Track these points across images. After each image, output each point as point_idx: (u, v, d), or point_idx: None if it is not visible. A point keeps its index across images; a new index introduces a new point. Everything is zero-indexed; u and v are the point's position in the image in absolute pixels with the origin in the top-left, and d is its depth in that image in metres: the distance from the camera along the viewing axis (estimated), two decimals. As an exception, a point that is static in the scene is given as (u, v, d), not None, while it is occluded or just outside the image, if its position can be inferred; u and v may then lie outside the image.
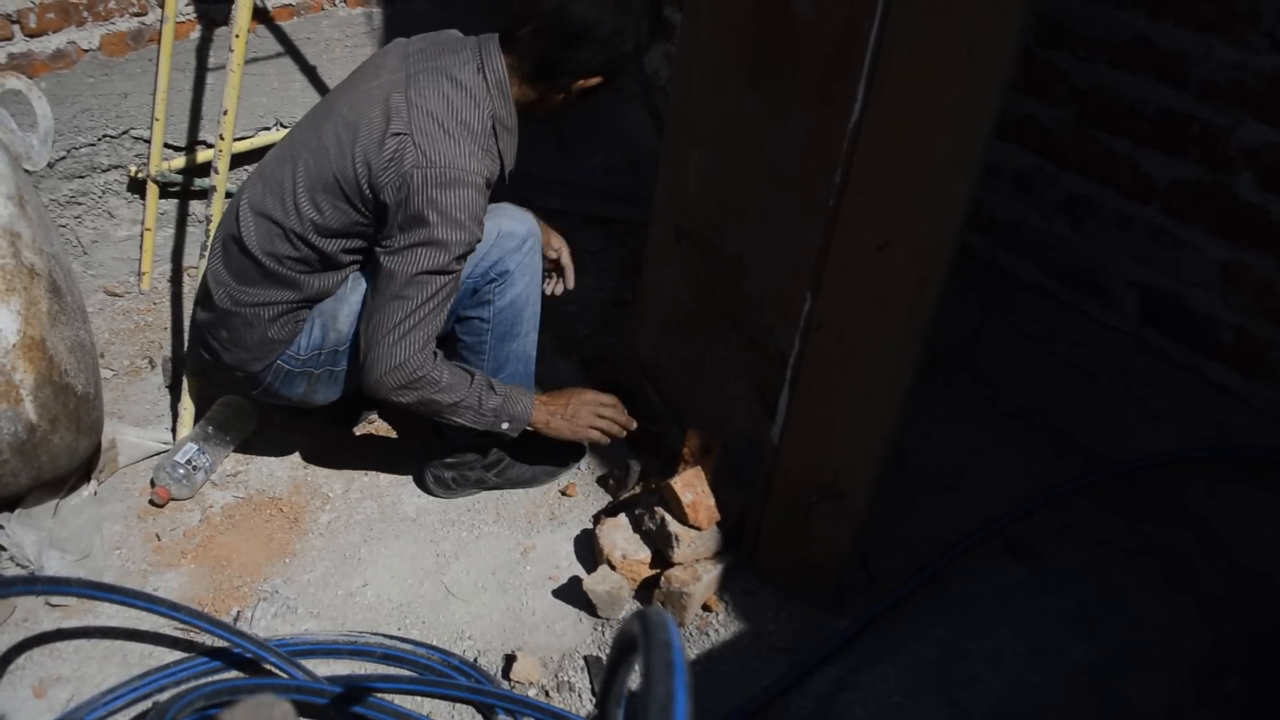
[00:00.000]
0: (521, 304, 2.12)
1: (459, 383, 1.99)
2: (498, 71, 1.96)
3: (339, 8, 3.16)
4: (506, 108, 1.99)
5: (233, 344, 2.08)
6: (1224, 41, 1.94)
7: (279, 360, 2.08)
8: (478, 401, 2.00)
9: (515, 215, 2.09)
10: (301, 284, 2.03)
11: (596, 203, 3.45)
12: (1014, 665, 1.86)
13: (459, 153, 1.87)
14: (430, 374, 1.95)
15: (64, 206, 2.87)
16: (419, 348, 1.93)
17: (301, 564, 2.15)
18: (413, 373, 1.93)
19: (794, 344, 1.80)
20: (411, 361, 1.92)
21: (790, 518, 1.96)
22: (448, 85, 1.92)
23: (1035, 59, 2.29)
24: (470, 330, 2.12)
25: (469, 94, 1.92)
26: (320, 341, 2.07)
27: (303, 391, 2.14)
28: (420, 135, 1.86)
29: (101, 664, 1.90)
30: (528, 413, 2.07)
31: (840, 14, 1.64)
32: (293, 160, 1.99)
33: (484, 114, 1.94)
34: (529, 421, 2.08)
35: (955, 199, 1.60)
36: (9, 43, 2.61)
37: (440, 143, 1.86)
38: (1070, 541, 2.17)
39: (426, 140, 1.86)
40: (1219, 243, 2.04)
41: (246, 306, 2.04)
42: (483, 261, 2.03)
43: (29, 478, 2.02)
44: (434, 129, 1.87)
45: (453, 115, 1.90)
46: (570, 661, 1.95)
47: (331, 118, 1.97)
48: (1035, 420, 2.49)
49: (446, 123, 1.89)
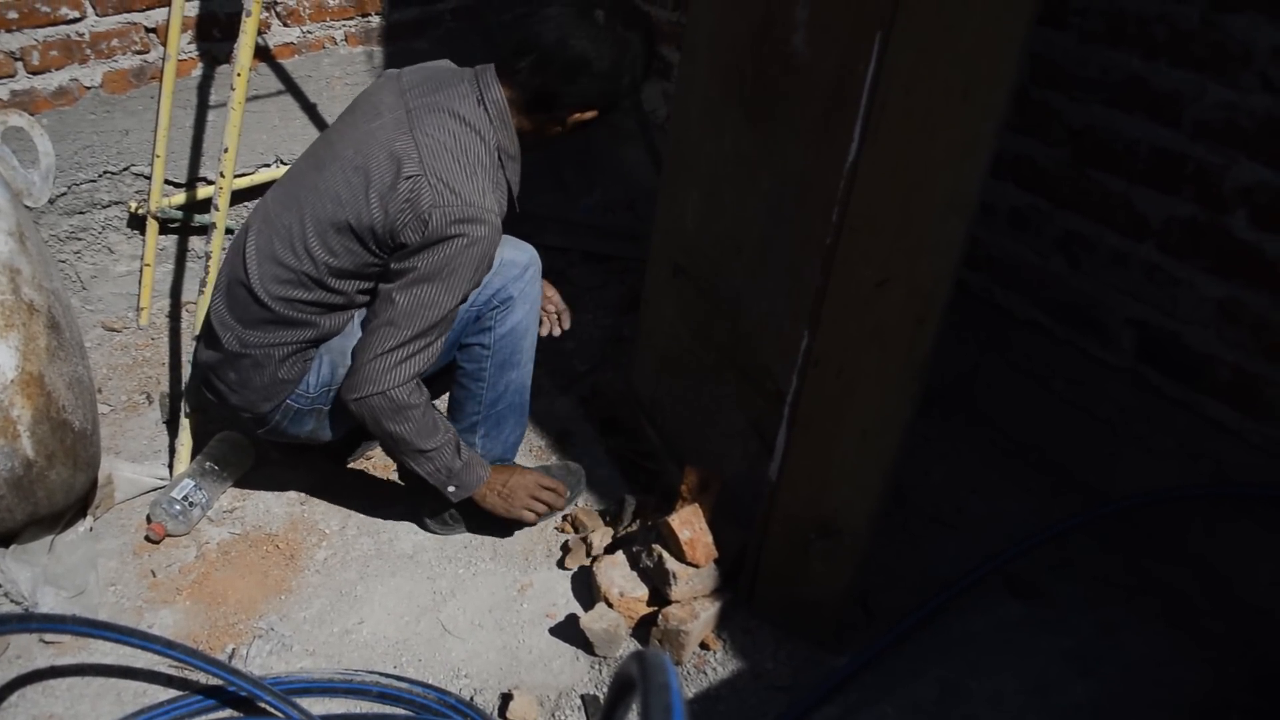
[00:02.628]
0: (521, 332, 2.12)
1: (434, 430, 2.03)
2: (499, 103, 1.98)
3: (340, 46, 3.19)
4: (509, 137, 2.01)
5: (241, 385, 2.07)
6: (1217, 81, 1.95)
7: (289, 399, 2.08)
8: (440, 456, 2.05)
9: (517, 245, 2.11)
10: (315, 324, 2.03)
11: (594, 240, 3.47)
12: (1014, 704, 1.85)
13: (474, 189, 1.90)
14: (415, 408, 1.97)
15: (64, 242, 2.88)
16: (410, 376, 1.96)
17: (297, 601, 2.14)
18: (401, 400, 1.95)
19: (792, 381, 1.81)
20: (404, 389, 1.95)
21: (789, 555, 1.96)
22: (451, 122, 1.94)
23: (1030, 99, 2.31)
24: (471, 357, 2.12)
25: (473, 129, 1.95)
26: (330, 378, 2.07)
27: (311, 428, 2.14)
28: (433, 175, 1.88)
29: (95, 702, 1.88)
30: (478, 484, 2.13)
31: (836, 55, 1.66)
32: (298, 204, 1.99)
33: (490, 147, 1.97)
34: (475, 490, 2.13)
35: (952, 237, 1.61)
36: (12, 79, 2.63)
37: (455, 180, 1.89)
38: (1070, 579, 2.16)
39: (440, 180, 1.88)
40: (1215, 280, 2.05)
41: (256, 348, 2.03)
42: (486, 289, 2.04)
43: (25, 514, 2.01)
44: (446, 167, 1.90)
45: (463, 151, 1.92)
46: (567, 700, 1.93)
47: (338, 160, 1.97)
48: (1033, 457, 2.49)
49: (459, 159, 1.91)
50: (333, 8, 3.12)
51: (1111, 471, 2.32)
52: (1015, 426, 2.56)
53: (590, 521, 2.29)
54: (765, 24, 1.89)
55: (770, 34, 1.87)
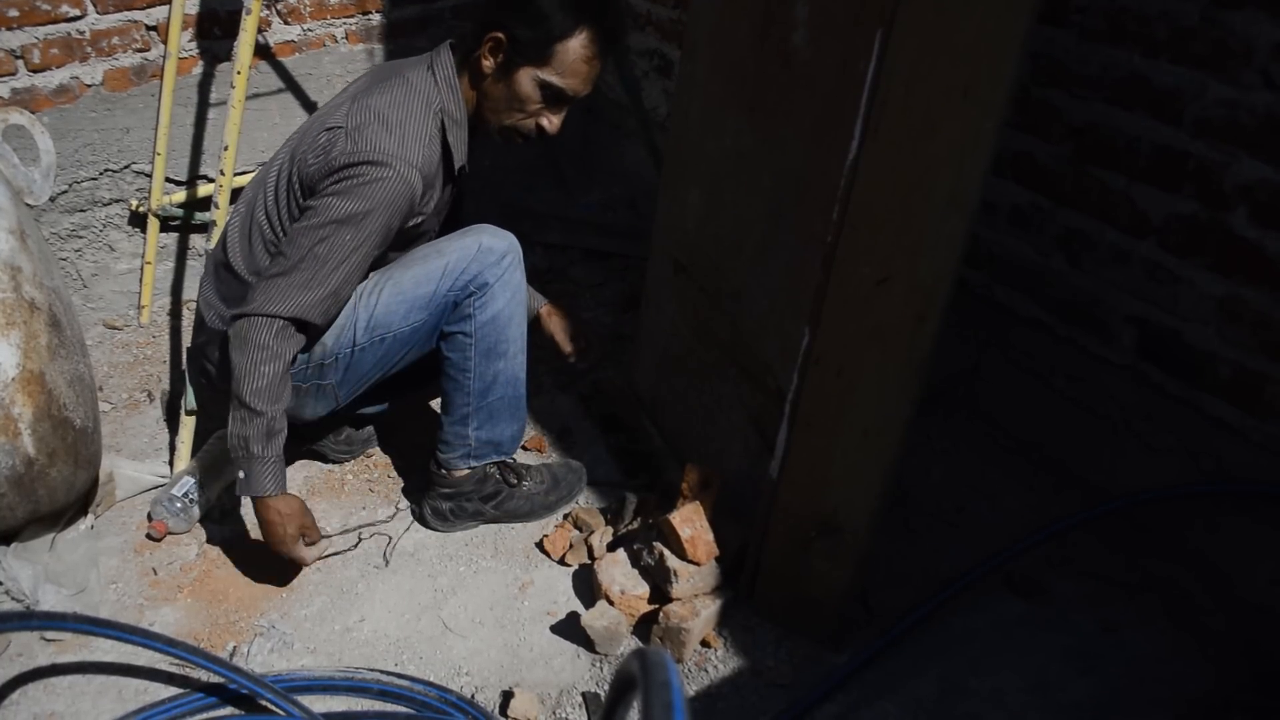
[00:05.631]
0: (504, 321, 2.12)
1: (267, 393, 1.93)
2: (446, 68, 2.04)
3: (340, 44, 3.19)
4: (455, 103, 2.05)
5: (224, 363, 2.10)
6: (1217, 79, 1.95)
7: None
8: (252, 425, 1.93)
9: (496, 233, 2.11)
10: None
11: (595, 238, 3.47)
12: (1015, 702, 1.85)
13: (390, 139, 1.92)
14: (263, 350, 1.91)
15: (65, 240, 2.88)
16: (287, 311, 1.92)
17: (298, 599, 2.14)
18: (257, 332, 1.91)
19: (792, 379, 1.81)
20: (267, 324, 1.91)
21: (789, 553, 1.96)
22: (396, 83, 2.00)
23: (1031, 97, 2.30)
24: (455, 346, 2.13)
25: (415, 90, 2.00)
26: (307, 357, 2.10)
27: (291, 407, 2.15)
28: (354, 128, 1.93)
29: (96, 700, 1.88)
30: (262, 488, 1.97)
31: (837, 53, 1.65)
32: (262, 179, 2.10)
33: (432, 110, 2.00)
34: (257, 496, 1.98)
35: (953, 235, 1.61)
36: (13, 77, 2.63)
37: (373, 133, 1.92)
38: (1071, 577, 2.16)
39: (358, 132, 1.92)
40: (1216, 278, 2.05)
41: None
42: (462, 275, 2.05)
43: (26, 512, 2.02)
44: (369, 121, 1.93)
45: (394, 108, 1.96)
46: (568, 698, 1.93)
47: (299, 131, 2.08)
48: (1034, 455, 2.49)
49: (387, 116, 1.95)
50: (333, 6, 3.12)
51: (1112, 469, 2.32)
52: (1016, 424, 2.56)
53: (591, 519, 2.29)
54: (766, 21, 1.89)
55: (771, 31, 1.87)
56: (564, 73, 1.98)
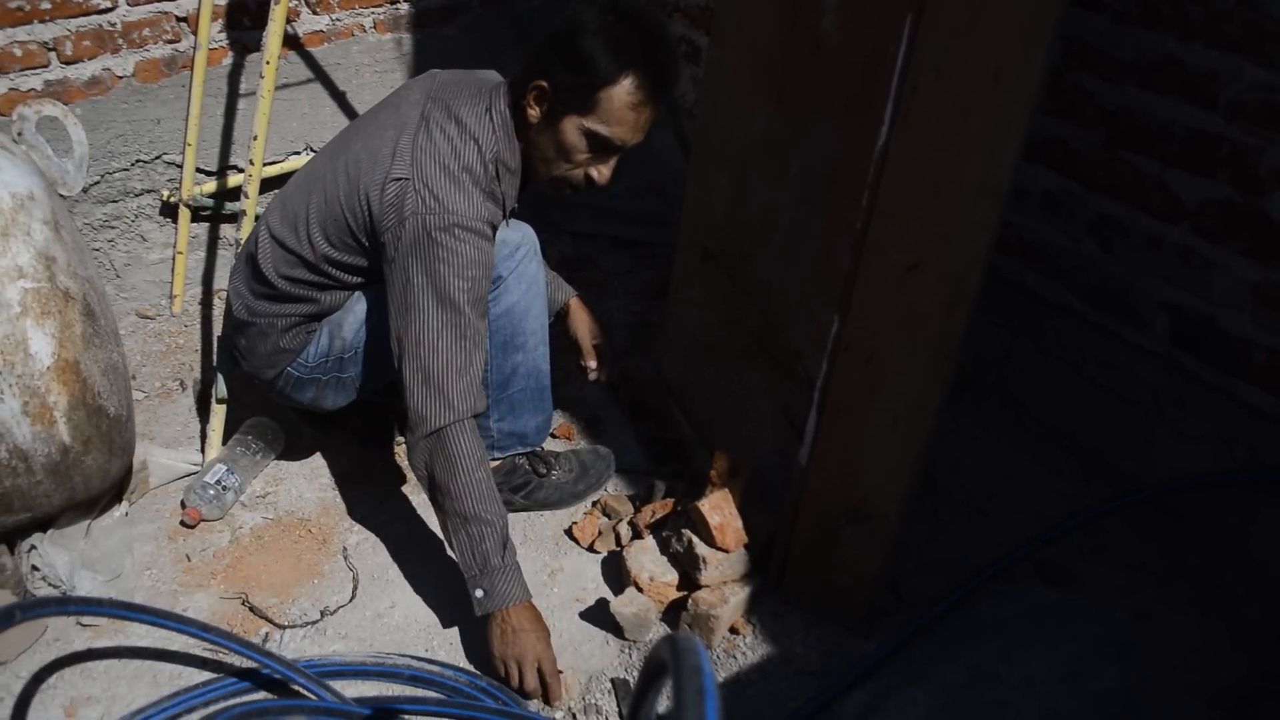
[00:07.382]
0: (520, 312, 2.12)
1: (494, 489, 1.90)
2: (504, 114, 1.97)
3: (369, 34, 3.19)
4: (511, 149, 1.98)
5: (249, 352, 2.18)
6: (1253, 62, 1.93)
7: (289, 368, 2.17)
8: (488, 536, 1.87)
9: (513, 225, 2.11)
10: (316, 300, 2.10)
11: (623, 225, 3.47)
12: (1045, 691, 1.84)
13: (460, 197, 1.87)
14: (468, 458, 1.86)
15: (98, 230, 2.91)
16: (462, 396, 1.87)
17: (330, 585, 2.16)
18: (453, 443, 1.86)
19: (822, 367, 1.80)
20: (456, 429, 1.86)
21: (819, 540, 1.96)
22: (453, 127, 1.93)
23: (1063, 81, 2.28)
24: None
25: (473, 137, 1.92)
26: (327, 350, 2.14)
27: (312, 396, 2.21)
28: (419, 181, 1.86)
29: (131, 684, 1.91)
30: (512, 596, 1.88)
31: (867, 38, 1.64)
32: (308, 192, 2.04)
33: (487, 157, 1.93)
34: (499, 609, 1.88)
35: (984, 221, 1.60)
36: (45, 70, 2.65)
37: (439, 187, 1.86)
38: (1102, 565, 2.15)
39: (425, 185, 1.86)
40: (1251, 264, 2.03)
41: (261, 318, 2.13)
42: None
43: (62, 499, 2.04)
44: (434, 173, 1.87)
45: (455, 158, 1.89)
46: (597, 684, 1.94)
47: (347, 153, 2.00)
48: (1065, 442, 2.47)
49: (448, 165, 1.88)
50: (361, -5, 3.13)
51: (1144, 457, 2.30)
52: (1047, 411, 2.54)
53: (620, 507, 2.29)
54: (795, 7, 1.88)
55: (800, 17, 1.86)
56: (610, 121, 1.90)
